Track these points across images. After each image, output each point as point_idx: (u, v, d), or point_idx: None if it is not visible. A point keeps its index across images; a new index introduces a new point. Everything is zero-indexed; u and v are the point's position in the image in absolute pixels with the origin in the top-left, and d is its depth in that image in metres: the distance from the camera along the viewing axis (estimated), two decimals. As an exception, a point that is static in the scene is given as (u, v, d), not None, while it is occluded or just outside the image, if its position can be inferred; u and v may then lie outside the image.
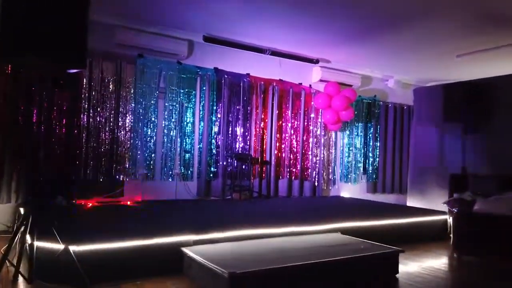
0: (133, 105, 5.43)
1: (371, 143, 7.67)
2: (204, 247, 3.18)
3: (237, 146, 6.22)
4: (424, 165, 6.48)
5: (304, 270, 2.83)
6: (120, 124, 5.35)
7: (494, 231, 4.23)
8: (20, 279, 2.75)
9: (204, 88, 5.97)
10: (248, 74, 6.30)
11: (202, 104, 5.96)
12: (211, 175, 5.98)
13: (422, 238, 4.76)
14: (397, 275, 3.35)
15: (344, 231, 4.08)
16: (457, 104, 5.61)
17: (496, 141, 5.48)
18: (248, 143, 6.31)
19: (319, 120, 7.02)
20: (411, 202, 6.43)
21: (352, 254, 3.16)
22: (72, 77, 4.70)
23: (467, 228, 4.51)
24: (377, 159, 7.71)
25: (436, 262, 3.96)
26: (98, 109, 5.20)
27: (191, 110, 5.87)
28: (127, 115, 5.41)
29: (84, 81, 5.08)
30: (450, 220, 4.84)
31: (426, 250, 4.40)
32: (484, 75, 6.03)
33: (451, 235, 4.57)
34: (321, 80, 6.83)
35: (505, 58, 6.19)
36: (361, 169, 7.57)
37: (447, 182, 5.53)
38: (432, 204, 5.80)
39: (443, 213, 5.18)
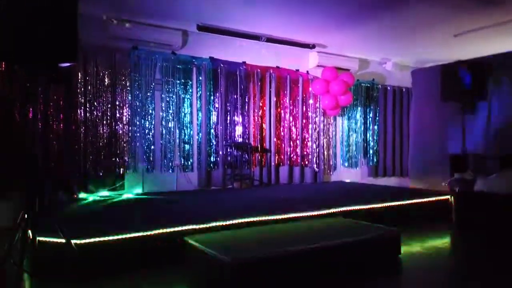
0: (129, 97, 5.41)
1: (370, 127, 7.65)
2: (207, 235, 3.19)
3: (236, 135, 6.20)
4: (424, 147, 6.47)
5: (307, 254, 2.84)
6: (117, 117, 5.33)
7: (495, 209, 4.24)
8: (24, 275, 2.76)
9: (200, 78, 5.93)
10: (244, 62, 6.25)
11: (199, 94, 5.93)
12: (211, 165, 5.98)
13: (424, 218, 4.77)
14: (399, 256, 3.37)
15: (346, 215, 4.09)
16: (455, 84, 5.57)
17: (496, 120, 5.46)
18: (247, 132, 6.29)
19: (318, 106, 6.99)
20: (413, 183, 6.44)
21: (354, 237, 3.17)
22: (67, 71, 4.67)
23: (468, 207, 4.52)
24: (377, 142, 7.69)
25: (438, 242, 3.98)
26: (95, 103, 5.18)
27: (188, 101, 5.84)
28: (124, 108, 5.38)
29: (79, 75, 5.05)
30: (451, 199, 4.84)
31: (428, 230, 4.41)
32: (483, 54, 5.96)
33: (453, 215, 4.58)
34: (318, 66, 6.77)
35: (503, 35, 6.11)
36: (362, 153, 7.55)
37: (448, 163, 5.52)
38: (433, 185, 5.81)
39: (444, 193, 5.19)
